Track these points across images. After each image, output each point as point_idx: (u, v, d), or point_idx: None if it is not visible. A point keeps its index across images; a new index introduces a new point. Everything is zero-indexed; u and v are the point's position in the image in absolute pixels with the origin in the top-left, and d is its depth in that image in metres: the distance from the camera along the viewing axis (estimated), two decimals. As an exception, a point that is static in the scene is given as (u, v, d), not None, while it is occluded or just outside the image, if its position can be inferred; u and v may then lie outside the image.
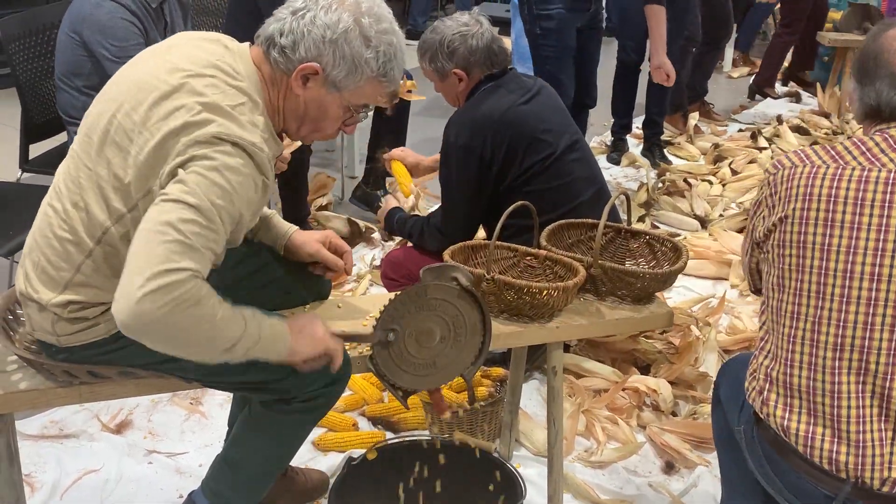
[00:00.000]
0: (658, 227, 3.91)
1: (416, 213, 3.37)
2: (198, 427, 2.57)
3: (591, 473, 2.40)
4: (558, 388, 2.06)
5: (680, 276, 2.20)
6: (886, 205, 1.51)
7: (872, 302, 1.51)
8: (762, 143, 4.86)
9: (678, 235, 3.67)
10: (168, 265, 1.40)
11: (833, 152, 1.60)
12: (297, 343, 1.62)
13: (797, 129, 5.09)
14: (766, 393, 1.63)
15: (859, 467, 1.53)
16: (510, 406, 2.40)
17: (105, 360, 1.68)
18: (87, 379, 1.70)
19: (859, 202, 1.52)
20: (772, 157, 4.64)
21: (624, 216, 2.78)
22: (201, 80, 1.54)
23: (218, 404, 2.65)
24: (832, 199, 1.54)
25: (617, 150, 4.89)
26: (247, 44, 1.66)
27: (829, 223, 1.54)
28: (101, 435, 2.51)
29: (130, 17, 3.00)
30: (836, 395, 1.54)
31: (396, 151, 2.92)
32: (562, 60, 3.77)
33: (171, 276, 1.40)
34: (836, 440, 1.55)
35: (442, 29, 2.53)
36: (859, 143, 1.59)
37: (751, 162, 4.59)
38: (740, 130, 5.30)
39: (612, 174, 4.65)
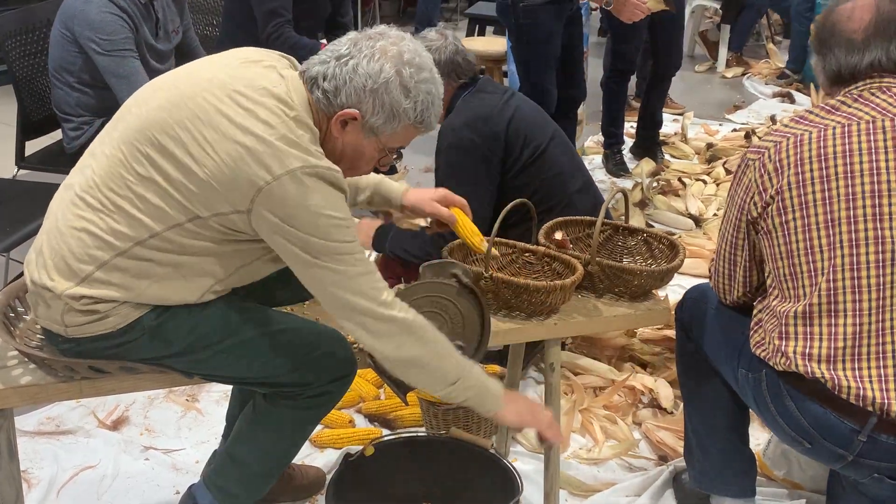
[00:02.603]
0: (653, 226, 3.92)
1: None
2: (194, 423, 2.58)
3: (587, 470, 2.41)
4: (556, 385, 2.07)
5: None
6: (873, 150, 1.66)
7: (880, 241, 1.63)
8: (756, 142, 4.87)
9: (673, 234, 3.67)
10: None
11: (806, 122, 1.73)
12: (507, 411, 1.80)
13: (790, 129, 5.09)
14: (783, 347, 1.71)
15: (886, 401, 1.62)
16: (507, 403, 2.40)
17: (111, 355, 1.67)
18: (88, 374, 1.70)
19: (848, 153, 1.67)
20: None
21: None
22: (263, 109, 1.55)
23: (214, 401, 2.66)
24: (822, 157, 1.68)
25: (617, 164, 4.65)
26: (297, 73, 1.66)
27: (825, 178, 1.67)
28: (97, 431, 2.51)
29: (119, 13, 3.02)
30: (857, 336, 1.65)
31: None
32: (547, 70, 3.73)
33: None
34: (858, 378, 1.64)
35: None
36: (826, 107, 1.75)
37: (744, 161, 4.60)
38: (734, 130, 5.31)
39: (607, 173, 4.65)
